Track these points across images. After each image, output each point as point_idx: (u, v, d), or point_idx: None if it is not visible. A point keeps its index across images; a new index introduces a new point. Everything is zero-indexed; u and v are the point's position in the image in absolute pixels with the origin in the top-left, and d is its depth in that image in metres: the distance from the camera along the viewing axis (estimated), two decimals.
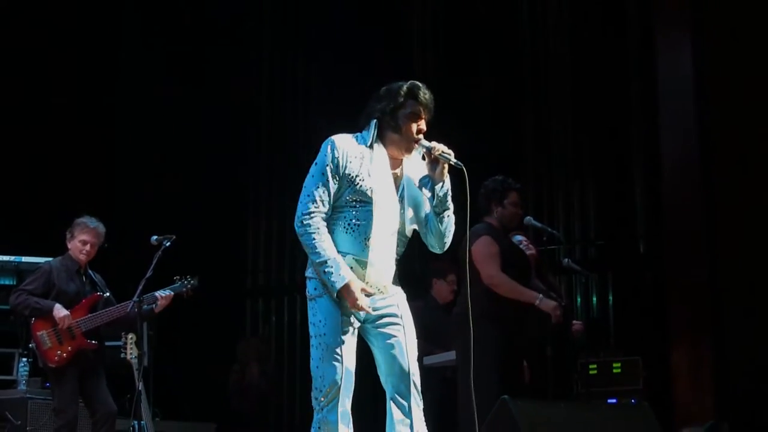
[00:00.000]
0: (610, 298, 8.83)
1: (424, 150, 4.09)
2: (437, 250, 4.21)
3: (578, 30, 9.21)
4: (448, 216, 4.11)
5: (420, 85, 4.14)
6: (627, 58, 8.94)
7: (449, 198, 4.10)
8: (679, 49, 8.11)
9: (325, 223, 4.01)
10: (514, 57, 9.47)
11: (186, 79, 10.36)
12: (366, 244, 4.01)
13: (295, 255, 10.26)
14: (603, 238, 8.93)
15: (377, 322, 4.09)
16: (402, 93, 4.11)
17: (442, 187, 4.07)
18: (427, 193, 4.11)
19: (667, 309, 7.99)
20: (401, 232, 4.13)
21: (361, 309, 3.95)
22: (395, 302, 4.12)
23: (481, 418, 5.26)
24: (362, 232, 4.02)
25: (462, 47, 9.62)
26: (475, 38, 9.57)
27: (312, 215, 4.00)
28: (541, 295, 5.98)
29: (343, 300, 3.95)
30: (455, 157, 4.06)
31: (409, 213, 4.12)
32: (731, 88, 7.81)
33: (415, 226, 4.15)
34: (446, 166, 4.06)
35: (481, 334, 5.80)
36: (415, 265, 7.84)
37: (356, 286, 3.93)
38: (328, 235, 4.00)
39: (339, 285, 3.91)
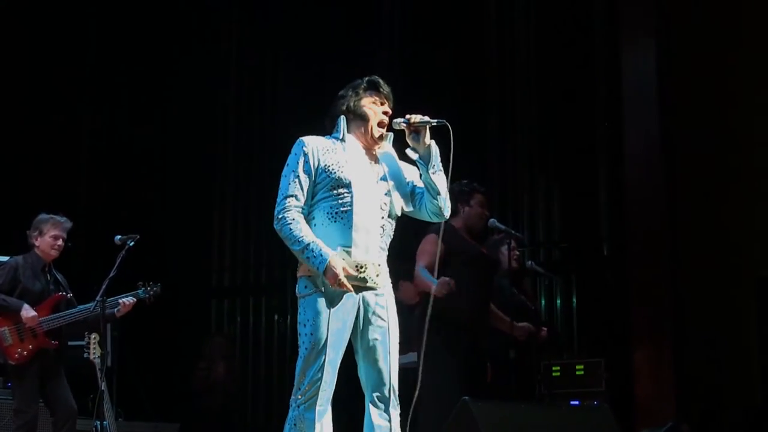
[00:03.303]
0: (574, 300, 8.87)
1: (403, 125, 4.19)
2: (439, 217, 4.24)
3: (544, 31, 9.25)
4: (441, 175, 4.18)
5: (378, 78, 4.30)
6: (592, 60, 8.98)
7: (439, 159, 4.18)
8: (643, 51, 8.19)
9: (301, 215, 4.07)
10: (478, 59, 9.50)
11: (151, 77, 10.31)
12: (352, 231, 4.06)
13: (260, 255, 10.26)
14: (567, 241, 8.97)
15: (363, 322, 4.10)
16: (362, 86, 4.28)
17: (430, 150, 4.16)
18: (415, 171, 4.21)
19: (630, 311, 8.06)
20: (391, 214, 4.18)
21: (342, 286, 3.95)
22: (384, 302, 4.14)
23: (443, 419, 5.32)
24: (348, 219, 4.06)
25: (426, 51, 9.62)
26: (440, 39, 9.58)
27: (286, 209, 4.06)
28: (435, 281, 5.87)
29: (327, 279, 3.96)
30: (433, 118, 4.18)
31: (395, 192, 4.18)
32: (694, 90, 7.91)
33: (403, 205, 4.21)
34: (428, 130, 4.16)
35: (443, 335, 5.87)
36: None
37: (337, 263, 3.95)
38: (305, 224, 4.06)
39: (324, 264, 3.94)
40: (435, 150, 4.17)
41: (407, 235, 4.50)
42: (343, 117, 4.23)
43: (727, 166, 7.74)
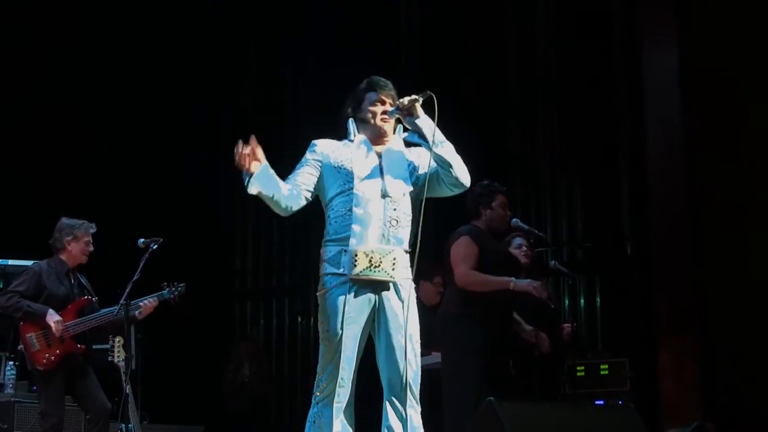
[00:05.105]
0: (598, 299, 8.83)
1: (397, 113, 4.27)
2: (459, 187, 4.30)
3: (563, 29, 9.22)
4: (446, 146, 4.23)
5: (376, 77, 4.39)
6: (613, 58, 8.94)
7: (436, 130, 4.22)
8: (664, 47, 8.15)
9: (297, 186, 4.24)
10: (499, 58, 9.48)
11: (171, 81, 10.34)
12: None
13: (283, 257, 10.27)
14: (590, 240, 8.93)
15: (380, 320, 4.12)
16: (362, 89, 4.37)
17: (426, 125, 4.22)
18: (425, 156, 4.26)
19: (654, 310, 8.02)
20: (404, 206, 4.20)
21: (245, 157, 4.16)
22: (404, 298, 4.15)
23: (467, 418, 5.31)
24: (356, 212, 4.12)
25: (446, 50, 9.61)
26: (461, 38, 9.58)
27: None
28: (513, 278, 5.94)
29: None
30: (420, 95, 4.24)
31: (402, 183, 4.22)
32: (716, 87, 7.85)
33: (410, 188, 4.23)
34: (418, 106, 4.21)
35: (467, 334, 5.86)
36: None
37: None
38: (283, 182, 4.24)
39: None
40: (428, 122, 4.22)
41: (427, 234, 4.48)
42: (351, 120, 4.34)
43: (751, 163, 7.67)
